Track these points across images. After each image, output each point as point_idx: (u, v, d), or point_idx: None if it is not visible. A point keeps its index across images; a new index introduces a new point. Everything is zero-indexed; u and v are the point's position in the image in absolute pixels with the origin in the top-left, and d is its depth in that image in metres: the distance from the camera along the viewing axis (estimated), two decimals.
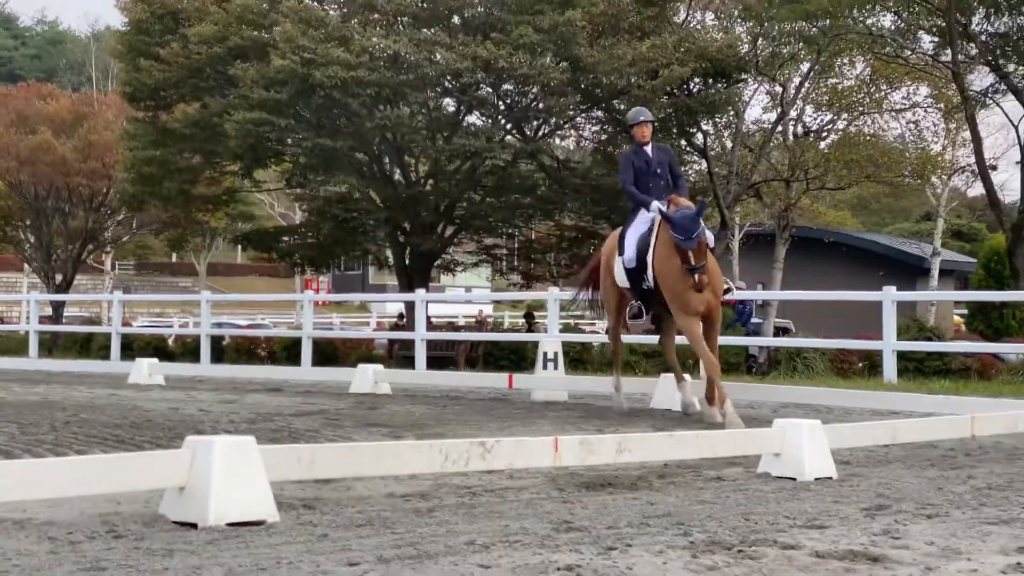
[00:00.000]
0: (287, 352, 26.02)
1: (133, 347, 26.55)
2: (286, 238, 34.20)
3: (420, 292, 22.92)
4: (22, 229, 41.69)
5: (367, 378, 16.40)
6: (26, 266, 49.57)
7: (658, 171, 12.01)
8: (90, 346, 28.99)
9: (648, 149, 12.19)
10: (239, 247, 55.25)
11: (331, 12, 27.23)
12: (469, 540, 5.07)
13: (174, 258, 76.84)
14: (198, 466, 5.44)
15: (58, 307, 38.94)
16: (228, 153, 28.41)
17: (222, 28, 26.24)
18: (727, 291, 12.08)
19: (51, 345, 30.28)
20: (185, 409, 12.82)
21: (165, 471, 5.51)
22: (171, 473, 5.49)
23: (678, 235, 11.10)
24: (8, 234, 42.50)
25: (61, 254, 40.25)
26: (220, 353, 26.20)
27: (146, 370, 18.44)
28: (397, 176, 29.72)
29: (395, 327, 32.23)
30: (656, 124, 12.36)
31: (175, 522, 5.41)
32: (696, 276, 11.06)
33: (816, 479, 7.32)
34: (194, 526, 5.31)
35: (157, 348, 27.48)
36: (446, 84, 27.44)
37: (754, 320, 25.63)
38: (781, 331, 27.34)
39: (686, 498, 6.58)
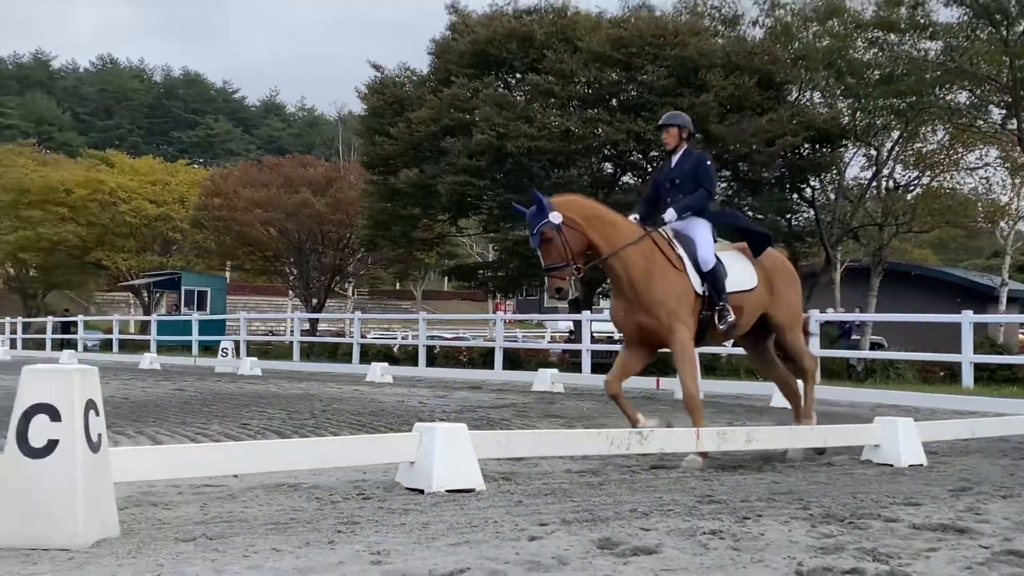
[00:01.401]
0: (483, 358, 26.22)
1: (368, 353, 27.04)
2: (482, 271, 34.52)
3: (586, 313, 22.85)
4: (288, 265, 43.10)
5: (545, 379, 16.44)
6: (290, 292, 51.13)
7: (678, 181, 8.19)
8: (337, 352, 29.67)
9: (675, 158, 8.25)
10: (446, 278, 56.00)
11: (519, 97, 27.45)
12: (632, 508, 5.04)
13: (398, 286, 78.28)
14: (424, 446, 5.54)
15: (314, 323, 40.02)
16: (439, 206, 28.85)
17: (436, 112, 26.71)
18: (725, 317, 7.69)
19: (308, 351, 31.11)
20: (408, 401, 13.02)
21: (399, 449, 5.62)
22: (404, 450, 5.60)
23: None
24: (278, 268, 43.98)
25: (316, 284, 41.49)
26: (432, 359, 26.53)
27: (379, 371, 18.81)
28: None
29: (566, 340, 32.24)
30: (688, 129, 8.23)
31: (407, 488, 5.51)
32: (546, 278, 7.48)
33: (909, 466, 7.09)
34: (421, 492, 5.41)
35: (386, 354, 27.95)
36: (606, 152, 27.44)
37: (853, 337, 25.01)
38: (876, 346, 26.51)
39: (804, 479, 6.43)
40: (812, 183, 28.74)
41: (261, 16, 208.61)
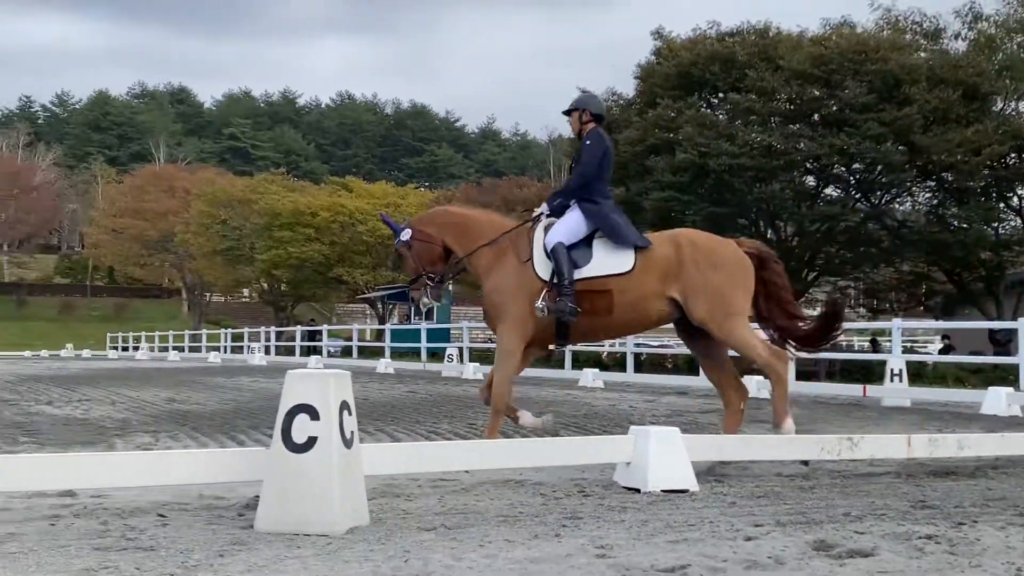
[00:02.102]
0: (687, 365, 25.86)
1: (579, 359, 27.16)
2: None
3: None
4: None
5: (751, 386, 16.00)
6: None
7: (573, 166, 7.55)
8: (550, 358, 29.87)
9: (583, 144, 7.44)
10: None
11: (720, 116, 27.02)
12: (845, 511, 4.86)
13: None
14: (639, 447, 5.52)
15: None
16: (645, 222, 28.59)
17: (642, 132, 26.62)
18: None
19: None
20: (619, 406, 12.99)
21: (616, 450, 5.62)
22: (620, 452, 5.60)
23: None
24: None
25: None
26: (639, 365, 26.40)
27: (591, 377, 18.79)
28: (770, 235, 29.01)
29: None
30: (589, 111, 7.42)
31: (624, 487, 5.50)
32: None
33: None
34: (637, 491, 5.39)
35: (596, 361, 27.98)
36: (808, 166, 26.62)
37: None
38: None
39: (1018, 485, 6.02)
40: (1019, 192, 26.97)
41: (479, 51, 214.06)
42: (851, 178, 27.10)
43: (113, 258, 77.04)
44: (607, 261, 6.95)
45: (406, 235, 7.49)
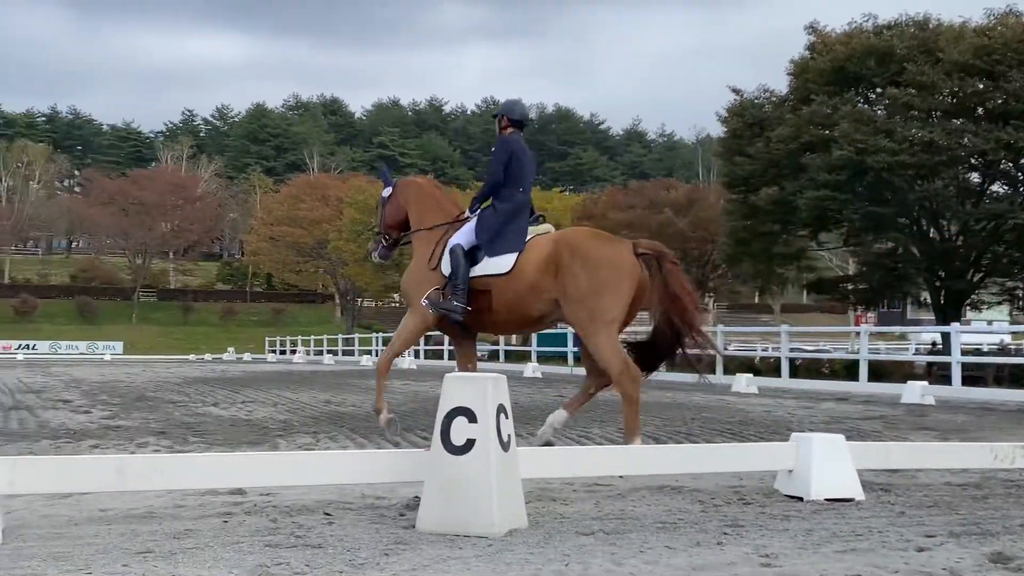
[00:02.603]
0: (845, 370, 25.07)
1: (730, 365, 26.71)
2: (843, 284, 33.16)
3: (955, 325, 21.23)
4: None
5: (915, 392, 15.44)
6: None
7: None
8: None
9: None
10: (804, 292, 54.18)
11: (879, 112, 26.15)
12: (1022, 523, 4.63)
13: (756, 300, 76.77)
14: (801, 455, 5.39)
15: None
16: (799, 222, 28.04)
17: (795, 130, 26.03)
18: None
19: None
20: (775, 412, 12.70)
21: (777, 457, 5.50)
22: (782, 459, 5.47)
23: None
24: None
25: None
26: (794, 371, 25.74)
27: (744, 382, 18.50)
28: (933, 234, 27.90)
29: (930, 352, 30.18)
30: (508, 116, 7.55)
31: (785, 495, 5.38)
32: None
33: None
34: (800, 499, 5.26)
35: (748, 366, 27.45)
36: (972, 162, 25.48)
37: None
38: None
39: None
40: None
41: (623, 52, 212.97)
42: (1019, 174, 25.80)
43: (271, 265, 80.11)
44: (492, 263, 7.24)
45: (386, 192, 8.20)
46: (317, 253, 73.42)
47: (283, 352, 61.18)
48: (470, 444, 4.24)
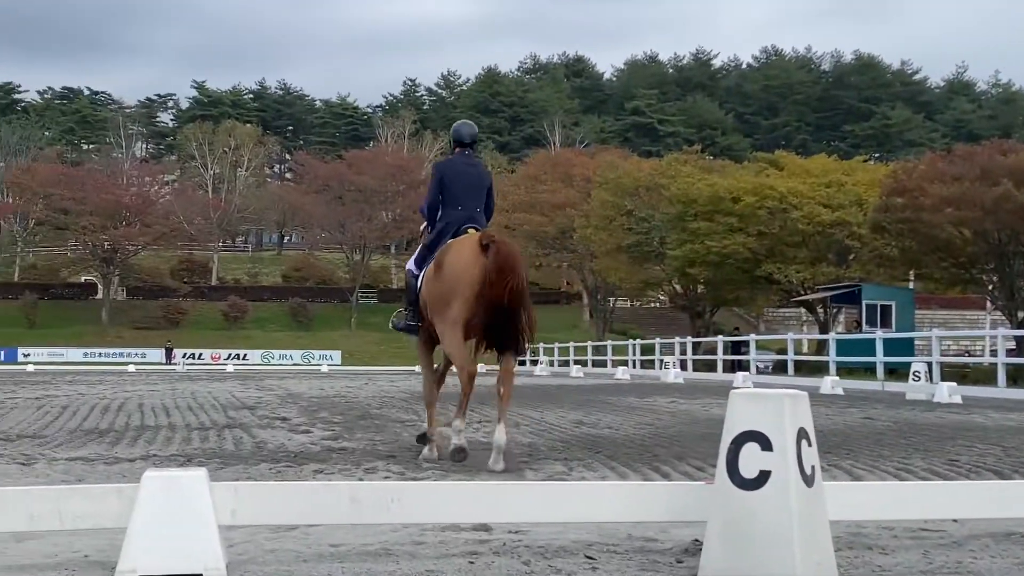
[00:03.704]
0: None
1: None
2: None
3: None
4: (985, 272, 41.45)
5: None
6: (988, 305, 49.11)
7: None
8: None
9: None
10: None
11: None
12: None
13: None
14: None
15: (1021, 341, 37.98)
16: None
17: None
18: None
19: (1015, 375, 29.59)
20: None
21: None
22: None
23: None
24: (973, 276, 42.49)
25: (1022, 294, 39.39)
26: None
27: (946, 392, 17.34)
28: None
29: None
30: (452, 142, 9.70)
31: None
32: None
33: None
34: None
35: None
36: None
37: None
38: None
39: None
40: None
41: None
42: None
43: None
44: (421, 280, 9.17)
45: None
46: (560, 244, 74.65)
47: (522, 363, 62.57)
48: (764, 477, 4.19)
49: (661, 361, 42.65)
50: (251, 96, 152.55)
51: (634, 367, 46.02)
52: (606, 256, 62.99)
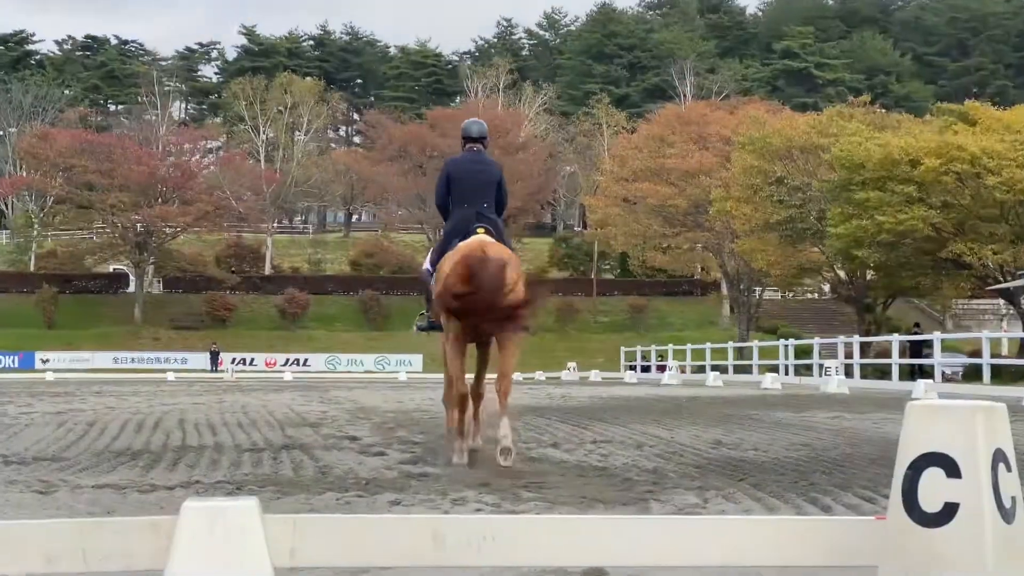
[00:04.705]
0: None
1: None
2: None
3: None
4: None
5: None
6: None
7: None
8: None
9: None
10: None
11: None
12: None
13: None
14: None
15: None
16: None
17: None
18: None
19: None
20: None
21: None
22: None
23: None
24: None
25: None
26: None
27: None
28: None
29: None
30: (462, 138, 11.87)
31: None
32: None
33: None
34: None
35: None
36: None
37: None
38: None
39: None
40: None
41: None
42: None
43: (625, 240, 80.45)
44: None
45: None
46: (693, 221, 74.08)
47: (646, 368, 62.54)
48: (950, 511, 4.16)
49: (820, 366, 42.26)
50: (311, 44, 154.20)
51: (786, 373, 45.65)
52: (750, 235, 62.41)
